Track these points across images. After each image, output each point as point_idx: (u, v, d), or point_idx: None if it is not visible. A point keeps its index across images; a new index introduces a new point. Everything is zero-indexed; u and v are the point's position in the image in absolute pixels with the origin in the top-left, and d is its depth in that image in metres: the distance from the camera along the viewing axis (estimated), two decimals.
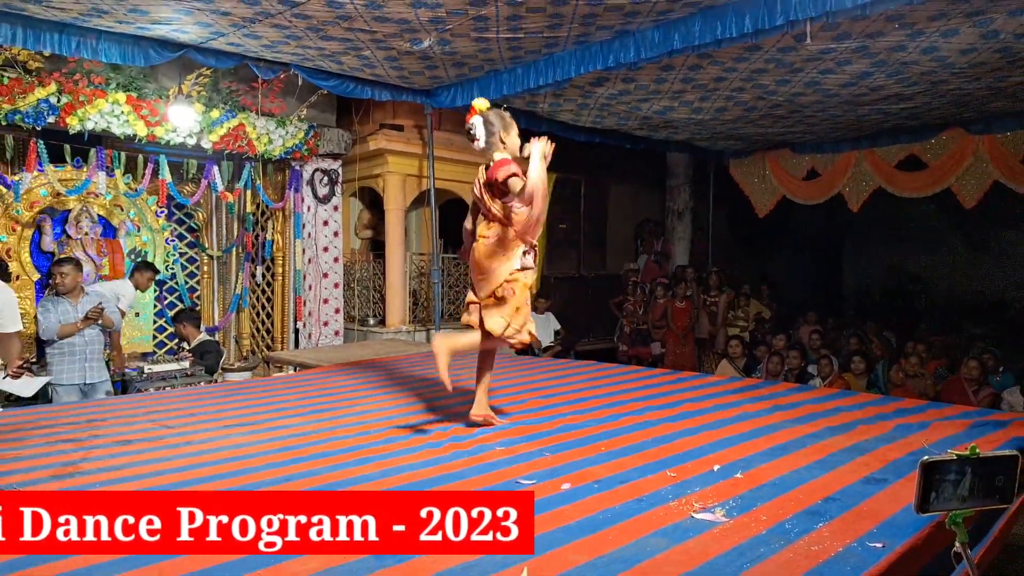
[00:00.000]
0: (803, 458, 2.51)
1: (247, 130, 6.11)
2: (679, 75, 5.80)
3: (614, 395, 3.71)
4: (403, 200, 7.35)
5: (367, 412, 3.40)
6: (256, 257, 7.15)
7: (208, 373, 5.52)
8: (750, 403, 3.45)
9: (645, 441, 2.77)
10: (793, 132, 7.88)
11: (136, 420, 3.29)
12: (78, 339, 4.68)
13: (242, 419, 3.31)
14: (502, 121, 2.87)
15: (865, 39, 4.81)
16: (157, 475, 2.42)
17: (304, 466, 2.50)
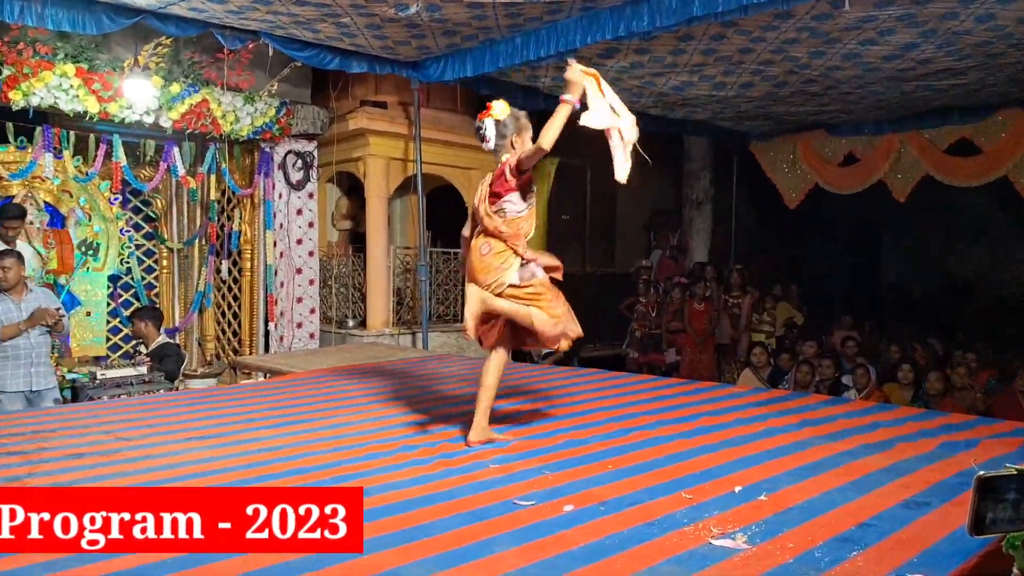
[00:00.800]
0: (835, 479, 2.52)
1: (211, 107, 6.12)
2: (699, 46, 5.81)
3: (623, 407, 3.72)
4: (386, 186, 7.37)
5: (346, 425, 3.41)
6: (221, 250, 7.16)
7: (168, 380, 5.54)
8: (776, 417, 3.47)
9: (657, 459, 2.78)
10: (828, 111, 7.90)
11: (88, 431, 3.30)
12: (23, 342, 4.67)
13: (206, 431, 3.31)
14: (516, 124, 2.98)
15: (911, 5, 4.82)
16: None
17: (274, 484, 2.52)
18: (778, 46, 5.73)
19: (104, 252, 6.69)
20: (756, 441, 3.03)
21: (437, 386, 4.32)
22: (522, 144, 2.98)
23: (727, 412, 3.58)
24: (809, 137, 8.89)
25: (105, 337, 6.79)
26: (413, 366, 5.23)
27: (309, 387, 4.42)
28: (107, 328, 6.83)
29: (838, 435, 3.12)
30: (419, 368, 5.12)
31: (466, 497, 2.37)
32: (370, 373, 4.87)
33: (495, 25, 5.38)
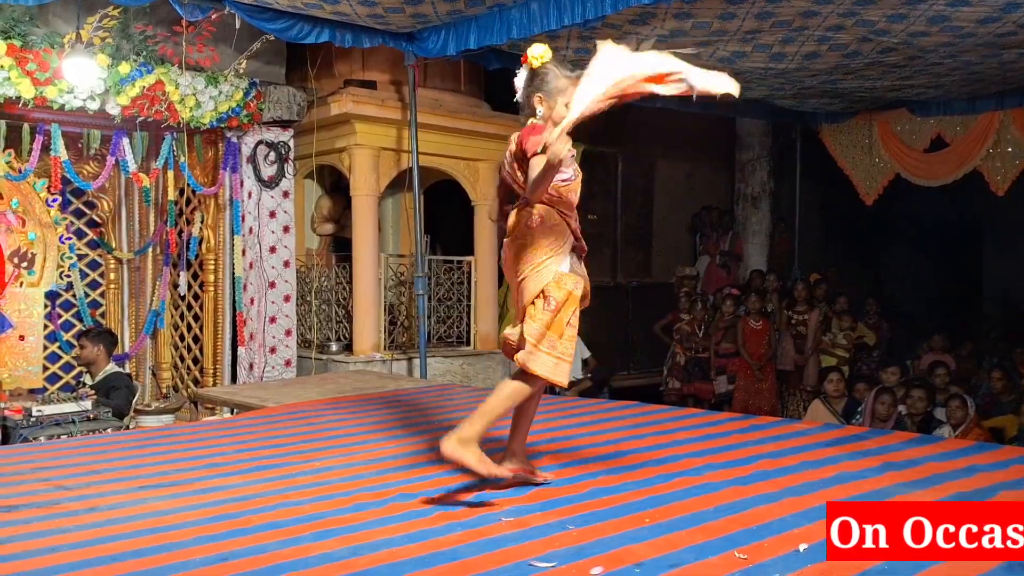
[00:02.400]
0: None
1: (167, 90, 6.22)
2: (752, 8, 5.86)
3: (662, 448, 3.72)
4: (376, 183, 7.45)
5: (330, 470, 3.44)
6: (179, 261, 7.25)
7: (116, 416, 5.61)
8: (851, 459, 3.46)
9: (704, 511, 2.78)
10: (912, 86, 7.91)
11: (23, 479, 3.35)
12: None
13: (163, 478, 3.36)
14: (552, 83, 2.85)
15: None
16: (50, 551, 2.48)
17: (246, 540, 2.55)
18: (849, 8, 5.76)
19: (40, 264, 6.79)
20: (826, 489, 3.03)
21: (437, 423, 4.34)
22: (547, 108, 2.87)
23: (791, 453, 3.58)
24: (888, 117, 8.92)
25: (42, 366, 6.88)
26: (409, 398, 5.27)
27: (285, 425, 4.46)
28: (44, 355, 6.92)
29: (926, 481, 3.12)
30: (416, 401, 5.15)
31: (473, 558, 2.39)
32: (357, 407, 4.91)
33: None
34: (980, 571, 2.13)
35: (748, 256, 10.30)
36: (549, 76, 2.86)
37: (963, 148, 8.51)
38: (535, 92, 2.88)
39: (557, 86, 2.85)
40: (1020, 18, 5.82)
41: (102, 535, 2.64)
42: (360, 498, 3.01)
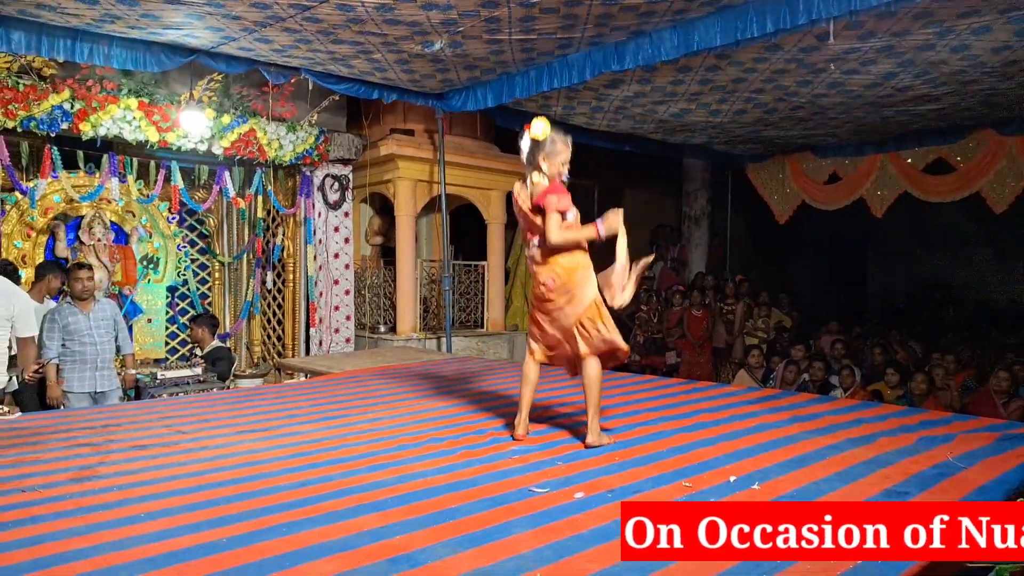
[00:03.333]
0: (822, 470, 2.52)
1: (258, 135, 6.21)
2: (696, 76, 5.83)
3: (627, 404, 3.73)
4: (414, 206, 7.42)
5: (379, 419, 3.45)
6: (266, 263, 7.25)
7: (220, 380, 5.61)
8: (768, 414, 3.46)
9: (659, 451, 2.79)
10: (815, 135, 7.87)
11: (151, 425, 3.37)
12: (89, 348, 4.73)
13: (255, 425, 3.37)
14: (552, 147, 2.85)
15: (891, 38, 4.81)
16: (173, 479, 2.49)
17: (316, 472, 2.56)
18: (768, 76, 5.73)
19: (163, 266, 6.79)
20: (749, 436, 3.03)
21: (460, 385, 4.34)
22: (549, 166, 2.85)
23: (723, 409, 3.58)
24: (797, 158, 8.88)
25: (164, 342, 6.88)
26: (438, 367, 5.27)
27: (346, 386, 4.48)
28: (166, 333, 6.92)
29: (825, 430, 3.11)
30: (443, 368, 5.15)
31: (487, 484, 2.39)
32: (400, 373, 4.92)
33: (511, 60, 5.44)
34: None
35: (692, 262, 10.26)
36: (548, 144, 2.85)
37: (853, 181, 8.48)
38: (540, 153, 2.86)
39: (556, 148, 2.86)
40: (897, 84, 5.80)
41: (212, 467, 2.65)
42: (402, 440, 3.02)
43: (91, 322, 4.74)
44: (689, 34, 4.64)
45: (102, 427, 3.32)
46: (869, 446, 2.83)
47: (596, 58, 5.17)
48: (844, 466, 2.57)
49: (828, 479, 2.42)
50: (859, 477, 2.44)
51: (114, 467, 2.65)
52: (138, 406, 4.26)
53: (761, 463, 2.61)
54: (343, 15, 4.41)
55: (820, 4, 4.05)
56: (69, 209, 6.16)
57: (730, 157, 9.34)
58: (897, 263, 11.60)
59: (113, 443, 3.02)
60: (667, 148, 8.58)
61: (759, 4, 4.28)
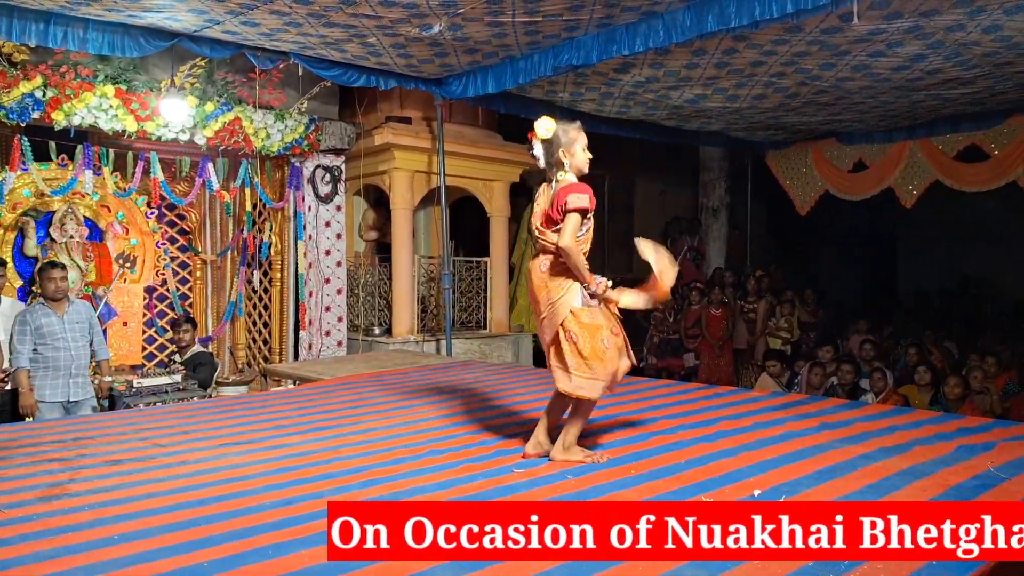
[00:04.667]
0: (853, 482, 2.48)
1: (243, 124, 6.18)
2: (712, 59, 5.78)
3: (642, 412, 3.68)
4: (411, 198, 7.39)
5: (374, 430, 3.41)
6: (253, 261, 7.22)
7: (201, 387, 5.57)
8: (794, 421, 3.42)
9: (677, 463, 2.75)
10: (839, 120, 7.81)
11: (125, 439, 3.34)
12: (63, 353, 4.70)
13: (239, 437, 3.33)
14: (565, 137, 2.77)
15: (919, 18, 4.76)
16: (150, 497, 2.45)
17: (305, 488, 2.52)
18: (789, 58, 5.68)
19: (140, 264, 6.77)
20: (775, 445, 2.99)
21: (461, 392, 4.31)
22: (571, 157, 2.77)
23: (746, 416, 3.54)
24: (821, 145, 8.81)
25: (141, 346, 6.86)
26: (437, 372, 5.23)
27: (337, 394, 4.44)
28: (143, 338, 6.90)
29: (856, 438, 3.07)
30: (443, 374, 5.12)
31: (491, 502, 2.35)
32: (396, 379, 4.88)
33: (515, 43, 5.40)
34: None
35: (710, 257, 10.22)
36: (560, 135, 2.77)
37: (880, 170, 8.41)
38: (558, 149, 2.77)
39: (570, 136, 2.78)
40: (926, 66, 5.74)
41: (190, 484, 2.62)
42: (399, 453, 2.98)
43: (65, 325, 4.72)
44: (703, 14, 4.60)
45: (73, 440, 3.29)
46: (903, 456, 2.79)
47: (605, 40, 5.13)
48: (877, 477, 2.53)
49: (860, 491, 2.38)
50: (893, 489, 2.40)
51: (86, 484, 2.62)
52: (113, 417, 4.22)
53: (788, 475, 2.57)
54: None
55: None
56: (40, 204, 6.14)
57: (749, 144, 9.28)
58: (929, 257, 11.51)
59: (85, 458, 2.99)
60: (682, 135, 8.52)
61: None
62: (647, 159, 9.92)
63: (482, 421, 3.49)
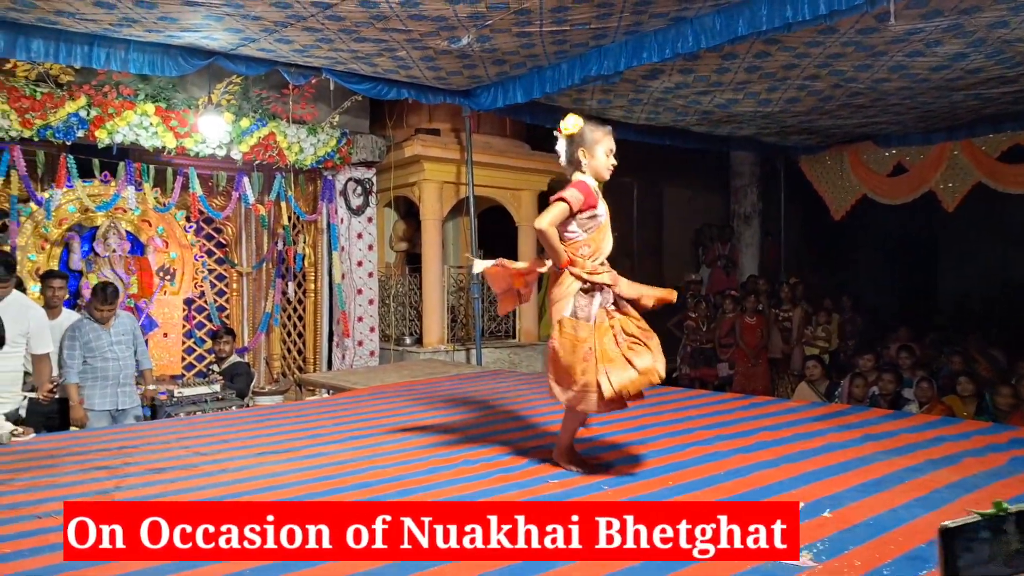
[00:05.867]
0: (901, 495, 2.41)
1: (278, 139, 6.30)
2: (743, 63, 5.72)
3: (678, 422, 3.64)
4: (440, 209, 7.44)
5: (408, 439, 3.42)
6: (287, 273, 7.33)
7: (239, 397, 5.67)
8: (836, 432, 3.35)
9: (717, 474, 2.70)
10: (876, 123, 7.67)
11: (168, 447, 3.40)
12: (111, 363, 4.83)
13: (278, 446, 3.37)
14: (589, 136, 2.71)
15: (959, 16, 4.66)
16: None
17: (342, 496, 2.53)
18: (823, 60, 5.59)
19: (180, 277, 6.91)
20: (817, 456, 2.93)
21: (492, 401, 4.31)
22: (590, 158, 2.71)
23: (785, 427, 3.48)
24: (857, 148, 8.66)
25: (180, 357, 6.99)
26: (468, 382, 5.24)
27: (371, 403, 4.47)
28: (182, 348, 7.03)
29: (901, 450, 2.99)
30: (474, 384, 5.12)
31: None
32: (428, 389, 4.90)
33: (543, 53, 5.41)
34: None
35: (742, 264, 10.09)
36: (585, 133, 2.72)
37: (920, 173, 8.23)
38: (579, 148, 2.72)
39: (594, 138, 2.72)
40: (967, 65, 5.60)
41: (231, 492, 2.64)
42: (433, 463, 2.98)
43: (112, 337, 4.84)
44: (734, 19, 4.55)
45: (119, 449, 3.36)
46: (953, 468, 2.71)
47: (634, 47, 5.11)
48: (925, 491, 2.46)
49: (908, 505, 2.32)
50: (943, 503, 2.33)
51: (131, 491, 2.67)
52: (155, 426, 4.31)
53: (832, 487, 2.51)
54: (366, 12, 4.44)
55: None
56: (84, 220, 6.31)
57: (782, 149, 9.16)
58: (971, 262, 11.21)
59: (130, 466, 3.05)
60: (712, 141, 8.45)
61: None
62: (676, 165, 9.84)
63: (514, 431, 3.48)
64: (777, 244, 10.16)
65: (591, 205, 2.70)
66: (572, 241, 2.73)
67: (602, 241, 2.77)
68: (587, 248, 2.73)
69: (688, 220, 10.64)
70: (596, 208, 2.72)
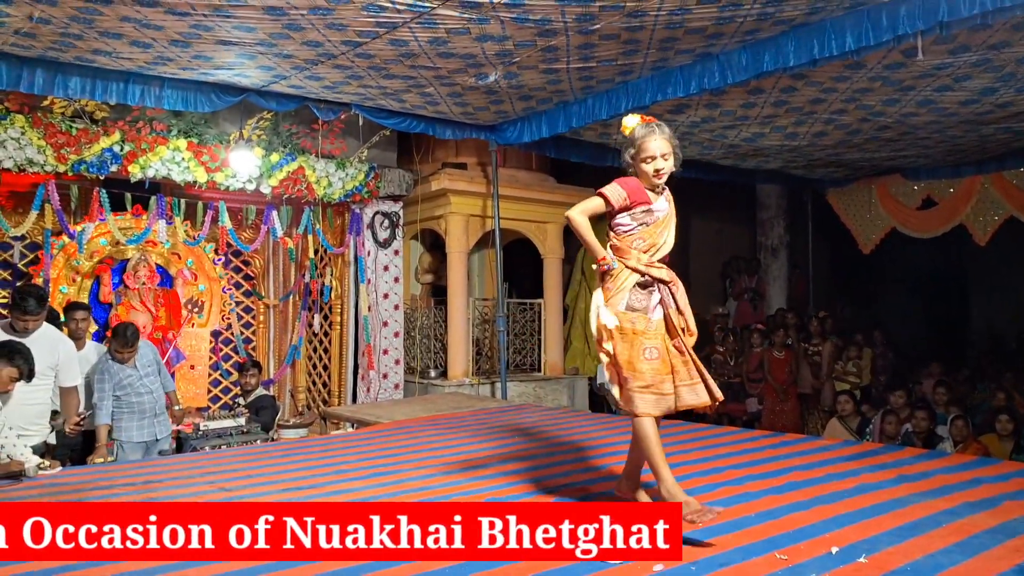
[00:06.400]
0: (939, 539, 2.35)
1: (307, 173, 6.42)
2: (770, 98, 5.74)
3: (706, 461, 3.59)
4: (466, 242, 7.50)
5: (430, 477, 3.41)
6: (314, 305, 7.40)
7: (263, 430, 5.69)
8: (870, 472, 3.27)
9: (747, 516, 2.65)
10: (904, 156, 7.62)
11: (192, 482, 3.42)
12: (146, 396, 4.89)
13: (301, 482, 3.38)
14: (637, 140, 2.61)
15: (987, 51, 4.65)
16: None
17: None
18: (850, 95, 5.59)
19: (208, 309, 7.02)
20: (851, 498, 2.86)
21: (517, 436, 4.28)
22: (636, 163, 2.62)
23: (817, 467, 3.41)
24: (885, 182, 8.61)
25: (207, 389, 7.07)
26: (493, 416, 5.21)
27: (395, 438, 4.47)
28: (208, 381, 7.11)
29: (938, 492, 2.92)
30: (499, 418, 5.10)
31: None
32: (452, 423, 4.89)
33: (569, 88, 5.48)
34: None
35: (770, 297, 9.99)
36: (634, 137, 2.63)
37: (950, 206, 8.15)
38: (626, 150, 2.66)
39: (639, 144, 2.61)
40: (997, 99, 5.57)
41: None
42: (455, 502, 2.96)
43: (140, 372, 4.91)
44: (760, 54, 4.58)
45: (143, 483, 3.38)
46: (992, 511, 2.63)
47: (660, 82, 5.16)
48: (964, 535, 2.39)
49: (947, 551, 2.25)
50: (984, 549, 2.26)
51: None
52: (181, 460, 4.34)
53: (867, 531, 2.45)
54: (396, 50, 4.55)
55: (906, 18, 3.94)
56: (114, 252, 6.45)
57: (809, 182, 9.13)
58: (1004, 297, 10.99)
59: (156, 500, 3.07)
60: (738, 174, 8.45)
61: (838, 20, 4.20)
62: (703, 197, 9.82)
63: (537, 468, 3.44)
64: (805, 277, 10.05)
65: (641, 201, 2.60)
66: (626, 233, 2.63)
67: (659, 236, 2.64)
68: (641, 241, 2.61)
69: (715, 252, 10.59)
70: (650, 204, 2.62)
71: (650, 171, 2.61)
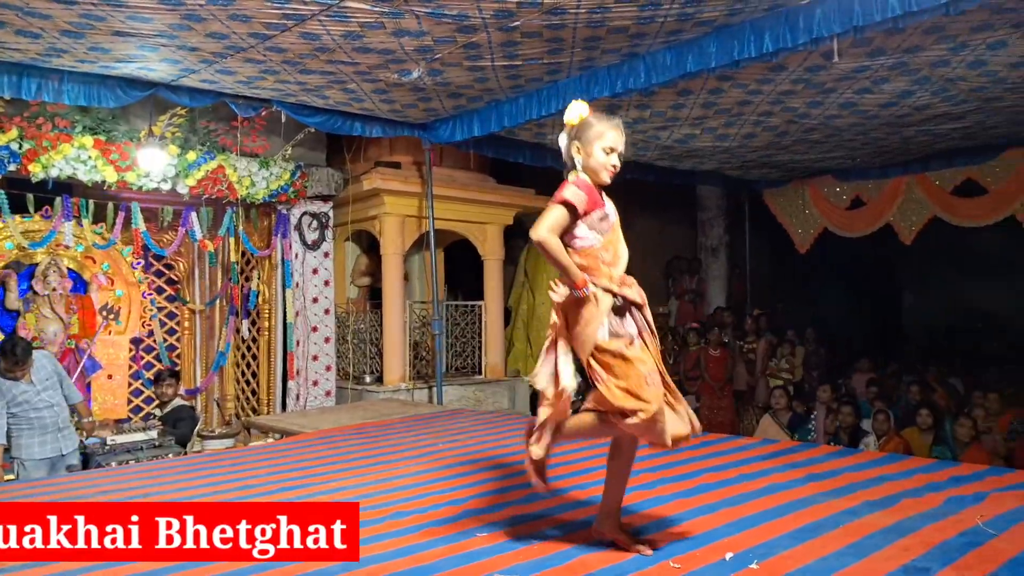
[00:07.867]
0: (833, 541, 2.38)
1: (227, 172, 6.22)
2: (699, 99, 5.81)
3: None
4: (402, 243, 7.39)
5: (342, 490, 3.32)
6: (241, 310, 7.20)
7: (179, 444, 5.46)
8: (780, 472, 3.32)
9: (647, 524, 2.64)
10: (833, 157, 7.82)
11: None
12: (46, 411, 4.66)
13: (212, 498, 3.25)
14: (588, 130, 2.34)
15: (902, 54, 4.79)
16: (104, 568, 2.37)
17: None
18: (775, 97, 5.70)
19: (126, 316, 6.76)
20: (758, 499, 2.90)
21: (444, 445, 4.22)
22: (585, 157, 2.33)
23: (731, 467, 3.45)
24: (818, 182, 8.83)
25: (127, 399, 6.80)
26: (423, 422, 5.15)
27: (317, 449, 4.35)
28: (129, 391, 6.85)
29: (842, 491, 2.97)
30: (428, 425, 5.03)
31: (449, 571, 2.26)
32: (379, 432, 4.80)
33: (498, 87, 5.44)
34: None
35: (710, 297, 10.16)
36: (587, 125, 2.36)
37: (878, 206, 8.41)
38: (573, 143, 2.37)
39: (593, 132, 2.34)
40: (914, 102, 5.75)
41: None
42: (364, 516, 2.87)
43: (38, 387, 4.68)
44: (683, 55, 4.63)
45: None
46: (890, 510, 2.69)
47: (587, 82, 5.17)
48: (859, 536, 2.43)
49: (839, 553, 2.28)
50: (875, 550, 2.30)
51: None
52: (82, 478, 4.14)
53: (765, 535, 2.47)
54: (308, 44, 4.43)
55: (822, 21, 4.02)
56: (22, 257, 6.16)
57: (745, 183, 9.30)
58: (934, 292, 11.42)
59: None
60: (677, 175, 8.54)
61: (757, 22, 4.27)
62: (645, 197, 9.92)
63: (457, 476, 3.39)
64: (744, 276, 10.25)
65: (598, 206, 2.32)
66: (588, 249, 2.32)
67: (619, 245, 2.40)
68: (607, 253, 2.34)
69: (658, 252, 10.69)
70: (604, 207, 2.36)
71: (608, 164, 2.33)
